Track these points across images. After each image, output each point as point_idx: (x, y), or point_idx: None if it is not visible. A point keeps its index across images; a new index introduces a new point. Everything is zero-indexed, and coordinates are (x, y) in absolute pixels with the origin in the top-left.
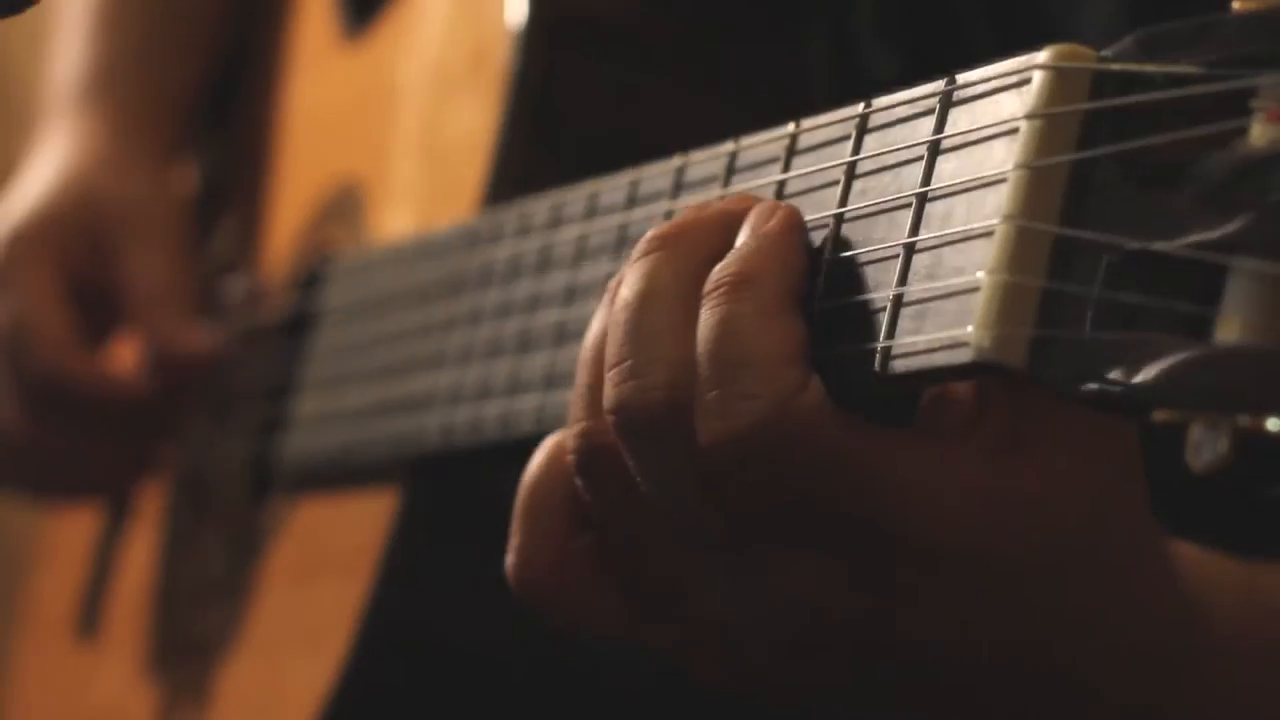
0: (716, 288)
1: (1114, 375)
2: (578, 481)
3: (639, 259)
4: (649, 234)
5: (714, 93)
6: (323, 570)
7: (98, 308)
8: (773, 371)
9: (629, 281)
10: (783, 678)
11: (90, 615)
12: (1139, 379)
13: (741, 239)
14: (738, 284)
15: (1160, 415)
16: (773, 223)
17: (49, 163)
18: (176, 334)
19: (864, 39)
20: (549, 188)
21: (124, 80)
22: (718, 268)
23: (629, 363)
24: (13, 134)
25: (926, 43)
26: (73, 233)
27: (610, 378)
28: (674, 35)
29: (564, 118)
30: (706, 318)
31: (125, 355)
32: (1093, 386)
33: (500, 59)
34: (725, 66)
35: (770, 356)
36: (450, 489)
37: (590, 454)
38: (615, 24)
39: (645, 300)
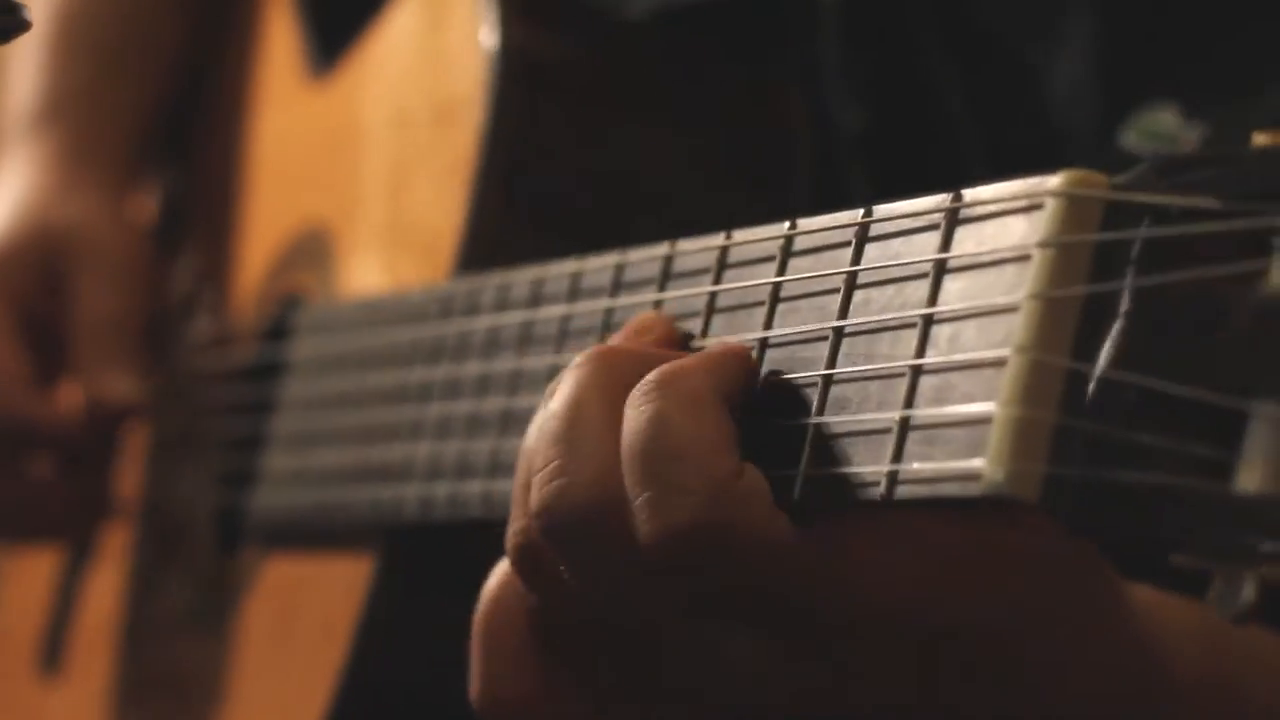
0: (643, 388)
1: (1132, 518)
2: (521, 584)
3: (570, 370)
4: (584, 352)
5: (688, 135)
6: (298, 631)
7: (51, 344)
8: (704, 462)
9: (559, 390)
10: None
11: (53, 652)
12: (1159, 525)
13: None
14: (663, 382)
15: (1180, 560)
16: (710, 341)
17: (1, 198)
18: (104, 379)
19: (830, 83)
20: (522, 238)
21: (77, 108)
22: (646, 376)
23: (554, 464)
24: None
25: (893, 88)
26: (26, 268)
27: (536, 481)
28: (644, 78)
29: (537, 165)
30: (633, 416)
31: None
32: (1110, 528)
33: (471, 105)
34: (697, 107)
35: (701, 448)
36: (427, 553)
37: (524, 553)
38: (585, 68)
39: (572, 406)
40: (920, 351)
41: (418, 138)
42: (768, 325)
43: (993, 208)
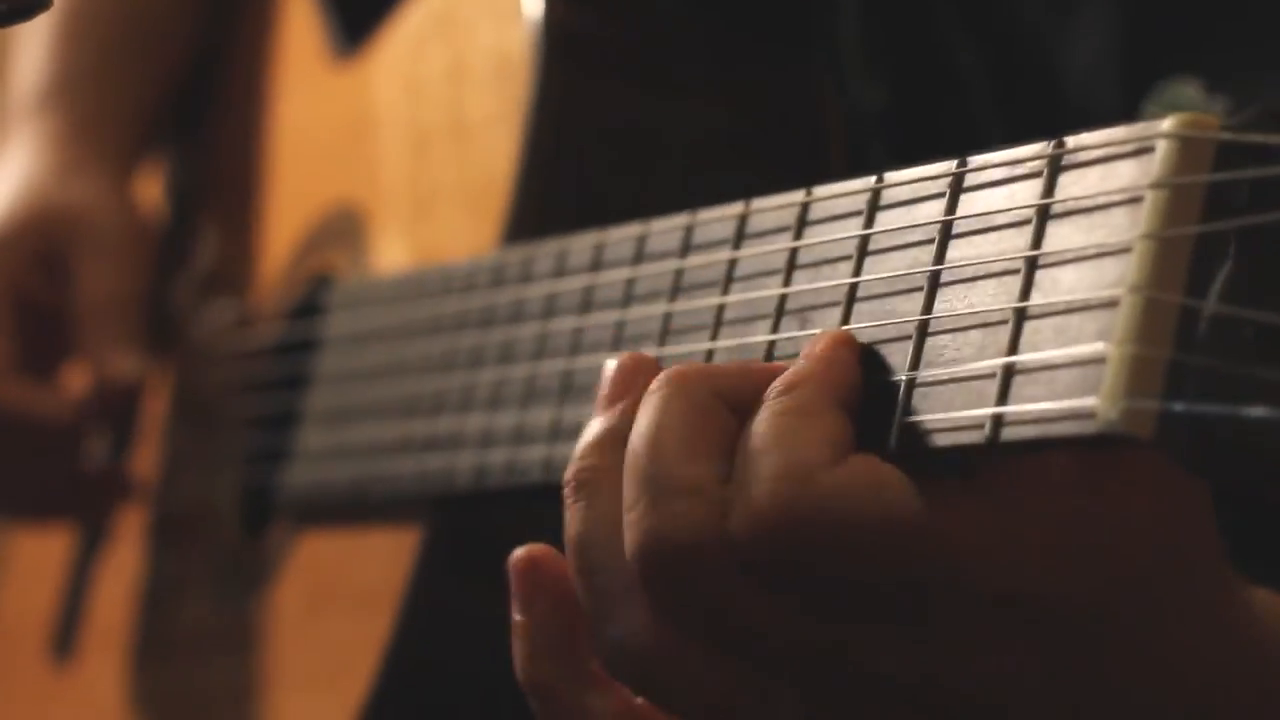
0: (756, 407)
1: (1248, 455)
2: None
3: (648, 399)
4: (659, 377)
5: (724, 107)
6: (336, 605)
7: (50, 329)
8: (793, 444)
9: (640, 423)
10: None
11: (67, 638)
12: (1275, 461)
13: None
14: (775, 398)
15: None
16: (819, 345)
17: (4, 177)
18: (110, 357)
19: (850, 60)
20: (571, 212)
21: (81, 89)
22: (771, 387)
23: (647, 514)
24: None
25: (912, 66)
26: (22, 250)
27: (629, 521)
28: (684, 56)
29: (583, 143)
30: (744, 434)
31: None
32: (1223, 465)
33: (510, 85)
34: (734, 80)
35: (800, 443)
36: (475, 523)
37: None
38: (622, 42)
39: (655, 437)
40: (1025, 296)
41: (459, 118)
42: (855, 275)
43: (1098, 153)
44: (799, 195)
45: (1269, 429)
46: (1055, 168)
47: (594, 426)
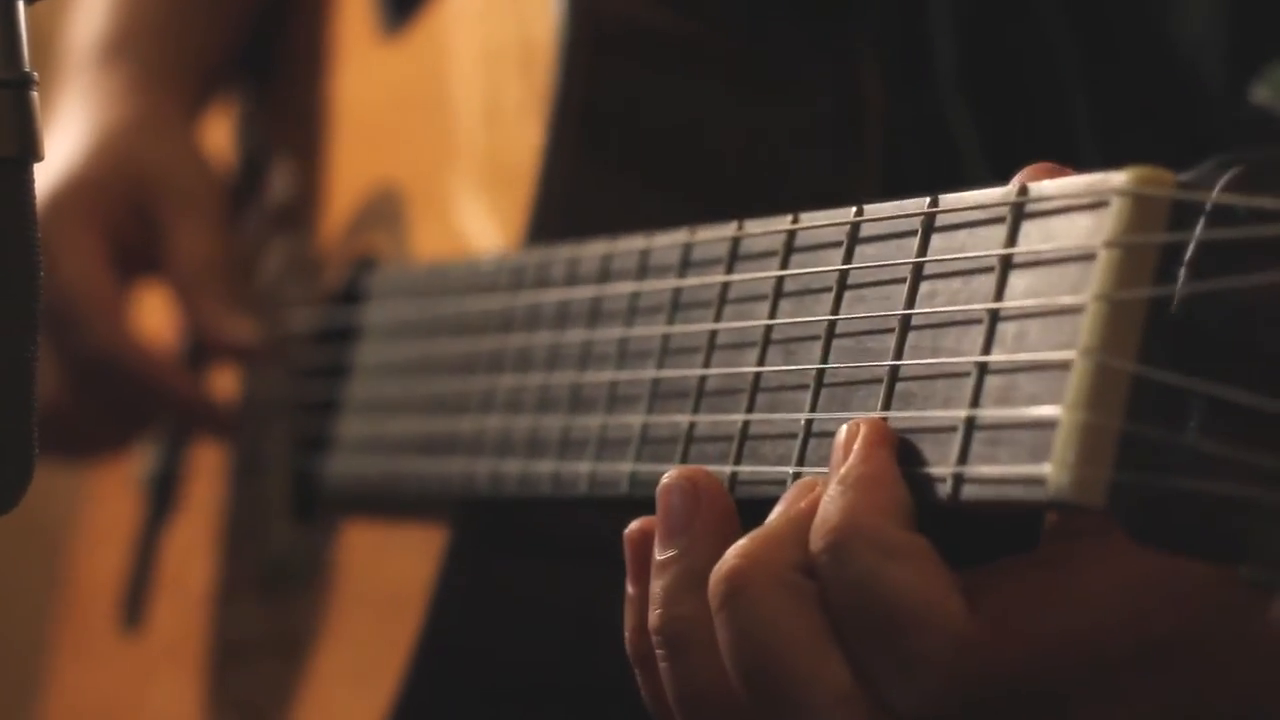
0: (822, 558)
1: (1198, 528)
2: None
3: (724, 606)
4: (716, 579)
5: (763, 96)
6: (372, 600)
7: (134, 269)
8: (935, 620)
9: (727, 635)
10: None
11: (134, 607)
12: (1225, 535)
13: (823, 501)
14: (842, 541)
15: (1245, 571)
16: (853, 459)
17: (75, 126)
18: (224, 323)
19: (935, 36)
20: (598, 200)
21: (148, 41)
22: (819, 527)
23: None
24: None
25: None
26: (114, 198)
27: None
28: (721, 38)
29: (611, 126)
30: (831, 591)
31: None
32: (1175, 537)
33: (544, 68)
34: (775, 77)
35: (919, 600)
36: (501, 524)
37: None
38: (660, 28)
39: (762, 651)
40: (986, 348)
41: (496, 101)
42: (834, 312)
43: (1058, 203)
44: (785, 221)
45: (1215, 504)
46: (1019, 215)
47: (669, 568)
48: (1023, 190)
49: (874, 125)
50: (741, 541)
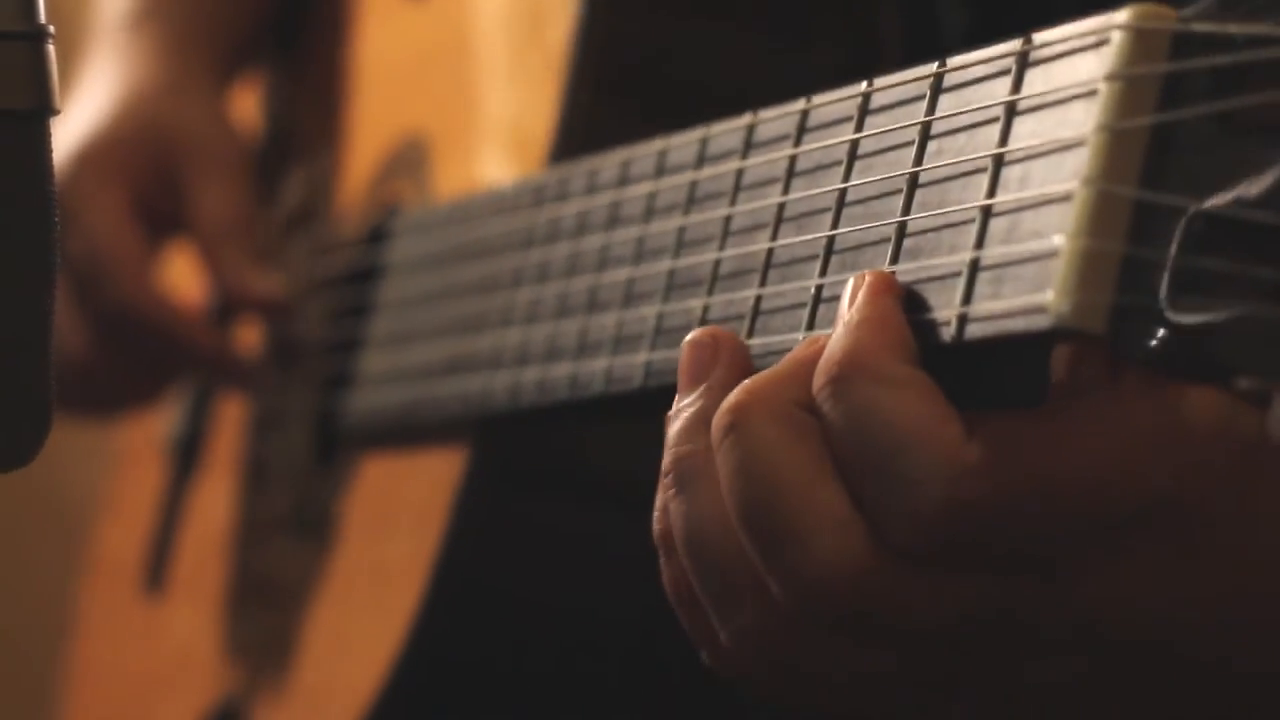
0: (827, 390)
1: (1195, 343)
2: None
3: (725, 438)
4: (719, 414)
5: (781, 42)
6: (394, 526)
7: (160, 229)
8: (930, 444)
9: (726, 469)
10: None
11: (158, 570)
12: (1221, 347)
13: (828, 344)
14: (844, 374)
15: (1243, 382)
16: (857, 304)
17: (103, 85)
18: (249, 278)
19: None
20: (615, 143)
21: (170, 10)
22: (821, 365)
23: (785, 559)
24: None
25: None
26: (140, 156)
27: (779, 574)
28: None
29: (628, 74)
30: (834, 421)
31: (181, 275)
32: (1175, 354)
33: (563, 17)
34: (792, 21)
35: (920, 430)
36: (519, 444)
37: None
38: None
39: (765, 481)
40: (991, 193)
41: (509, 44)
42: (845, 180)
43: (1061, 47)
44: (800, 103)
45: (1229, 324)
46: (1023, 64)
47: (683, 412)
48: (1027, 39)
49: (892, 65)
50: (746, 381)
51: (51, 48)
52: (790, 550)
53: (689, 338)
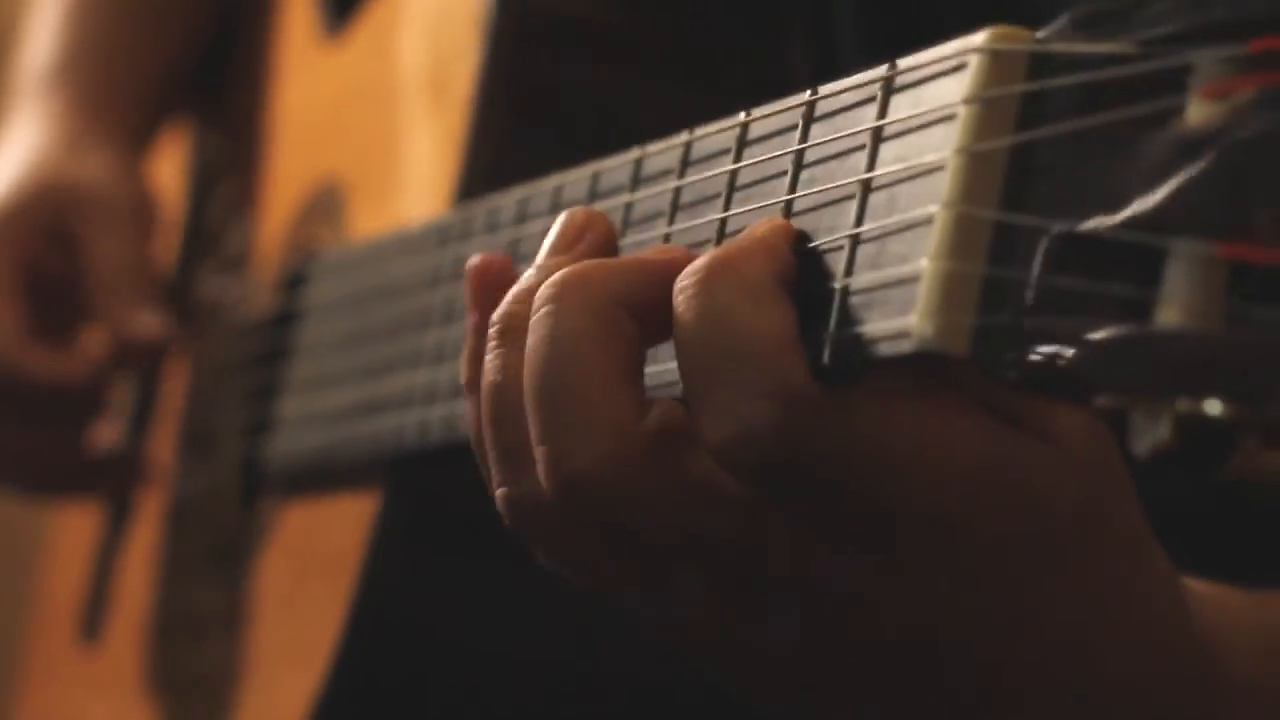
0: (694, 278)
1: (1053, 356)
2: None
3: (541, 309)
4: (550, 281)
5: (694, 90)
6: (310, 576)
7: (62, 302)
8: (777, 361)
9: (535, 334)
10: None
11: (93, 620)
12: (1078, 362)
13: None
14: (717, 269)
15: (1101, 399)
16: (753, 228)
17: (12, 152)
18: (130, 317)
19: (841, 38)
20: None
21: (88, 65)
22: (691, 265)
23: (552, 441)
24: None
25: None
26: (32, 225)
27: (541, 456)
28: (646, 35)
29: (533, 118)
30: (687, 311)
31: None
32: (1034, 371)
33: (469, 59)
34: (704, 63)
35: (771, 345)
36: (431, 488)
37: (531, 522)
38: (585, 23)
39: (559, 362)
40: (859, 220)
41: (421, 88)
42: (724, 211)
43: (925, 72)
44: (683, 136)
45: (1073, 338)
46: (889, 89)
47: (530, 274)
48: (892, 65)
49: None
50: (583, 263)
51: None
52: (563, 437)
53: (566, 212)
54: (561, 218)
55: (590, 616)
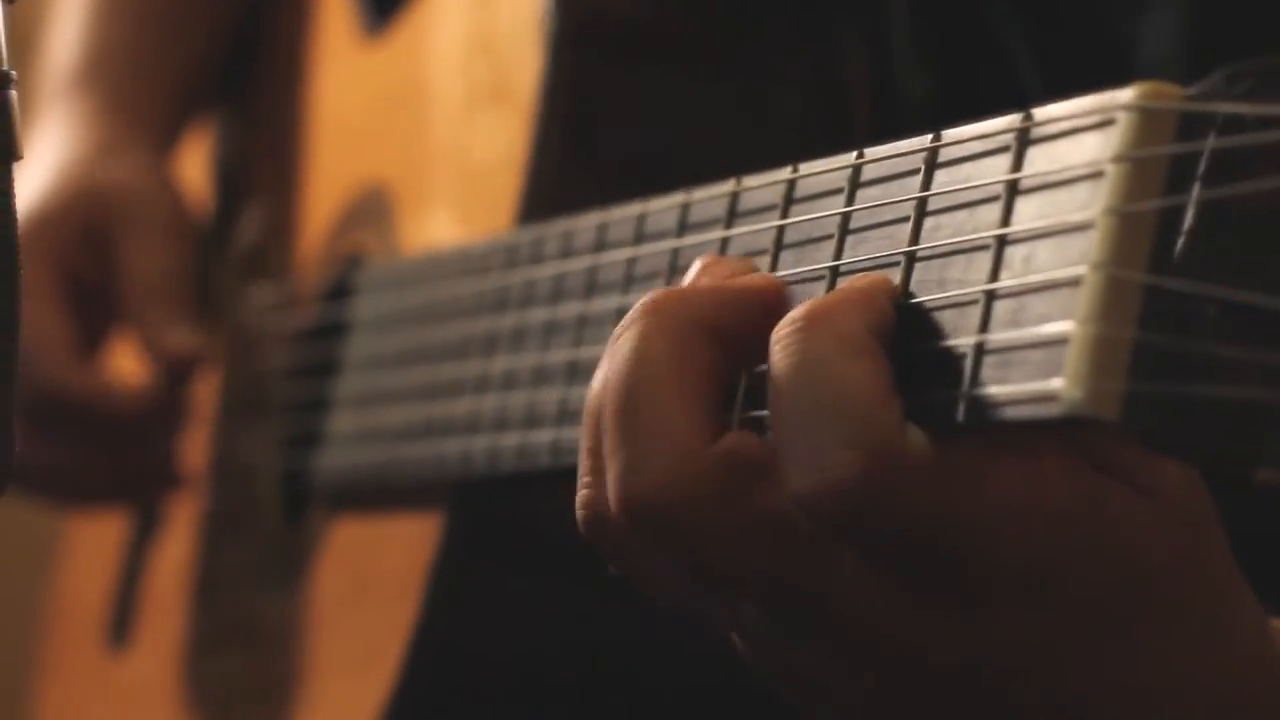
0: (792, 327)
1: (1213, 432)
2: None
3: (631, 325)
4: (643, 299)
5: (747, 95)
6: (369, 593)
7: (97, 306)
8: (870, 415)
9: (620, 348)
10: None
11: (121, 626)
12: (1241, 438)
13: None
14: (814, 319)
15: (1263, 475)
16: (854, 279)
17: (43, 155)
18: (165, 332)
19: (897, 50)
20: (584, 194)
21: (116, 66)
22: (790, 315)
23: (623, 453)
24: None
25: (962, 57)
26: (68, 231)
27: (610, 468)
28: (704, 36)
29: (596, 123)
30: (782, 359)
31: (126, 354)
32: (1192, 443)
33: (528, 64)
34: (756, 67)
35: (865, 397)
36: (495, 509)
37: (599, 531)
38: (643, 26)
39: (634, 377)
40: (994, 275)
41: (480, 97)
42: (837, 257)
43: (1065, 125)
44: (785, 172)
45: (1229, 408)
46: (1024, 141)
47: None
48: (1027, 116)
49: (862, 111)
50: (676, 288)
51: (14, 94)
52: (632, 453)
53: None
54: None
55: (656, 641)
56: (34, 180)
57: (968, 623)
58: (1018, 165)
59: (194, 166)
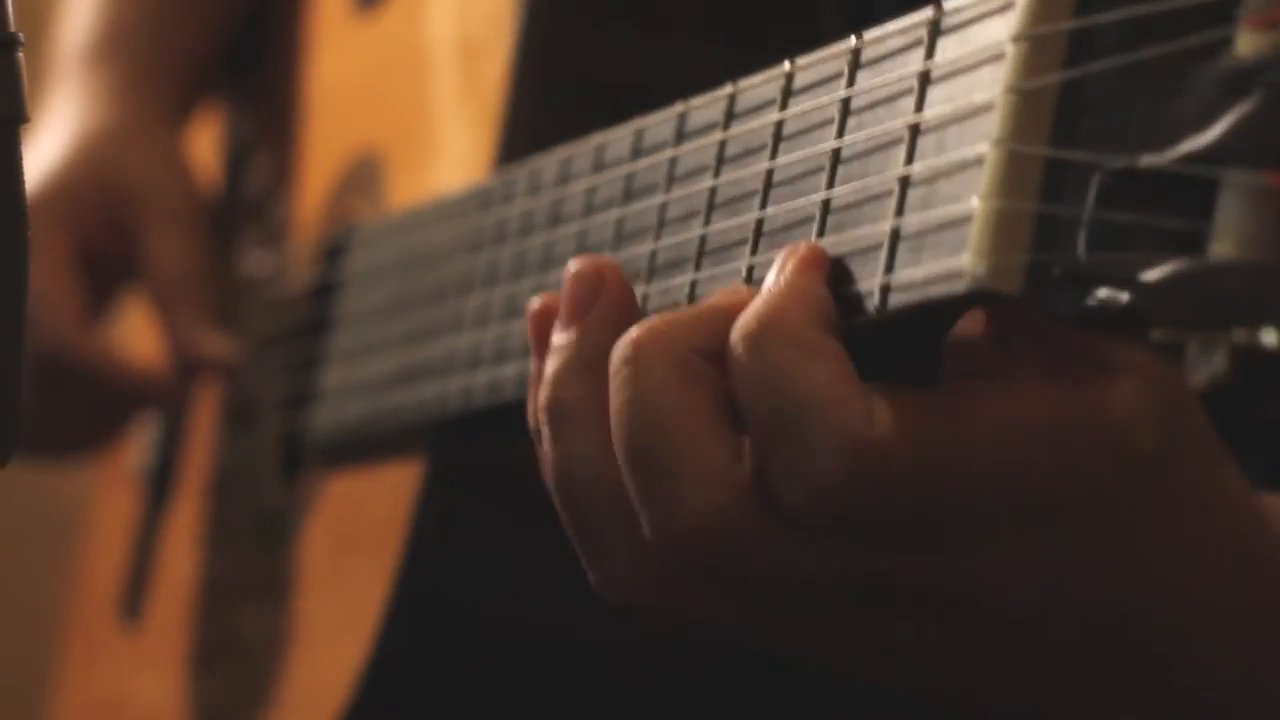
0: (742, 345)
1: (1110, 295)
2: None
3: (621, 371)
4: (618, 347)
5: (728, 49)
6: (355, 547)
7: (106, 275)
8: (834, 415)
9: (616, 402)
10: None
11: (134, 600)
12: (1134, 297)
13: (750, 304)
14: (765, 331)
15: (1158, 334)
16: (787, 270)
17: (59, 129)
18: (199, 337)
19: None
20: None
21: (132, 43)
22: (739, 326)
23: (656, 500)
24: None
25: None
26: (88, 204)
27: (654, 515)
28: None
29: (574, 78)
30: (741, 376)
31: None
32: (1089, 308)
33: (505, 28)
34: (740, 27)
35: (827, 398)
36: (475, 454)
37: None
38: None
39: (640, 423)
40: (908, 162)
41: (457, 59)
42: (770, 162)
43: (971, 13)
44: (727, 89)
45: (1140, 280)
46: (935, 32)
47: (562, 353)
48: (938, 7)
49: None
50: (653, 319)
51: (21, 56)
52: (667, 492)
53: (572, 268)
54: (569, 277)
55: None
56: (50, 149)
57: (995, 564)
58: (930, 56)
59: (203, 148)
